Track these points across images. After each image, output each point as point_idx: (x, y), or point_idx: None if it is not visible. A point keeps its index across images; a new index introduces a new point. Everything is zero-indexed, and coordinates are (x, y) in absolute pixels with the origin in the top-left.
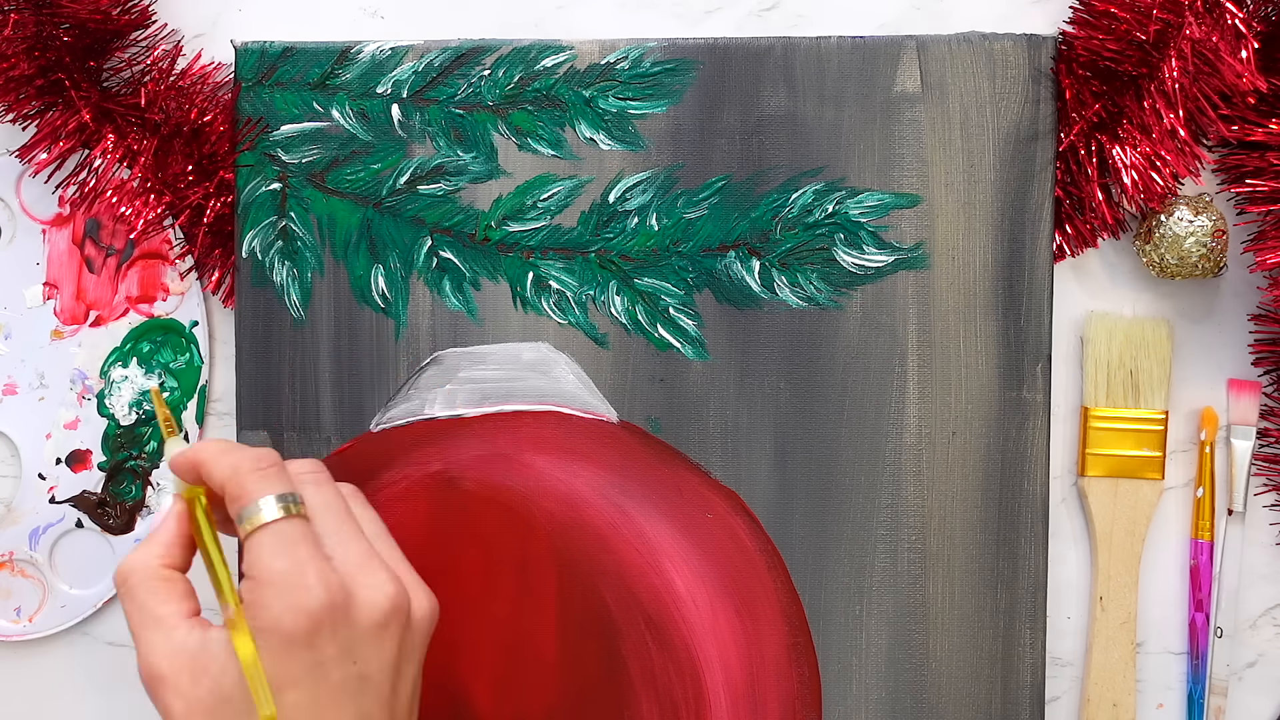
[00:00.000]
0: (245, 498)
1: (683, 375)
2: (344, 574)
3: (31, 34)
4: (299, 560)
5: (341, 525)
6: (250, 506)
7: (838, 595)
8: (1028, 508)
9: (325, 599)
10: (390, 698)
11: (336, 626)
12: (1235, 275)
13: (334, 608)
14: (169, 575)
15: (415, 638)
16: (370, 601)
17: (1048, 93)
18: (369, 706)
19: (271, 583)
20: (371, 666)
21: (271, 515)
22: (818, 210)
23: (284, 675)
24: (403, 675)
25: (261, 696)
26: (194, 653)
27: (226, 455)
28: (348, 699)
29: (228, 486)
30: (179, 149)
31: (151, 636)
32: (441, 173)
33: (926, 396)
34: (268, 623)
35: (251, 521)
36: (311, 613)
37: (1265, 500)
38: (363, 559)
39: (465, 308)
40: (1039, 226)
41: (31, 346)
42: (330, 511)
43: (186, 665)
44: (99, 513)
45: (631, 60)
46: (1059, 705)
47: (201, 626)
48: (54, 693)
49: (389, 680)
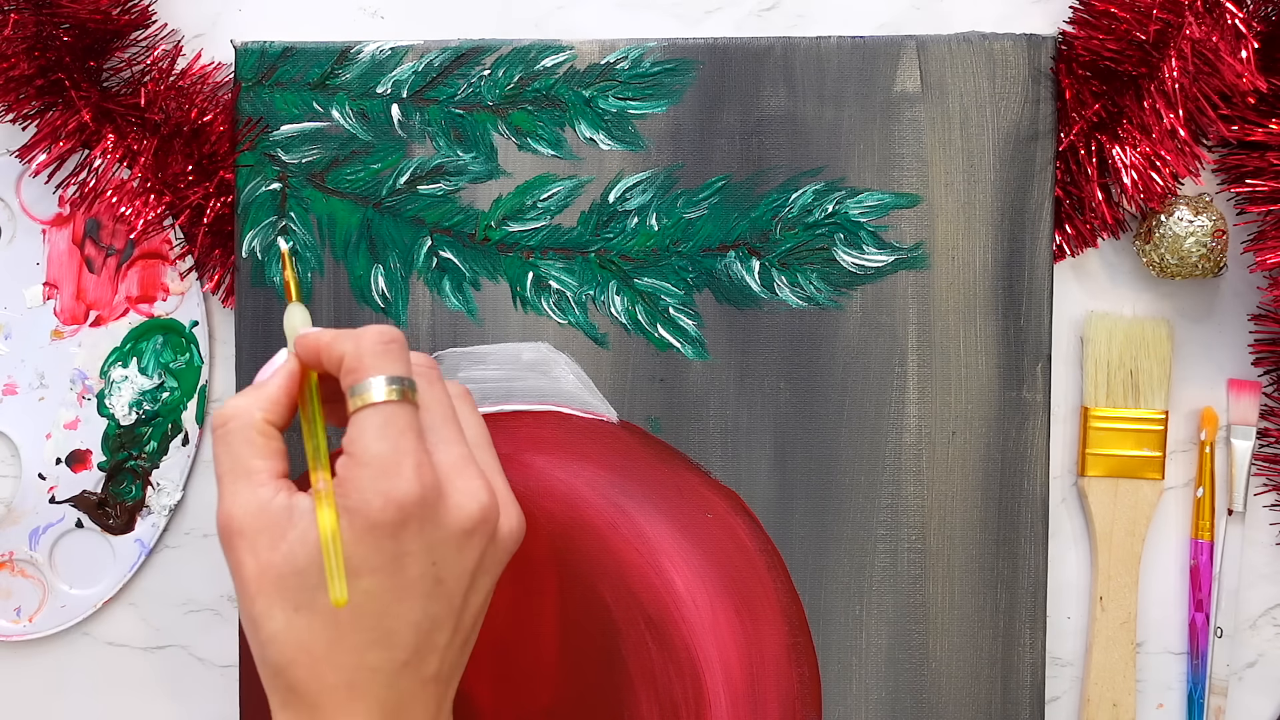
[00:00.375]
0: (361, 372)
1: (683, 375)
2: (441, 472)
3: (31, 34)
4: (400, 448)
5: (446, 424)
6: (364, 383)
7: (838, 595)
8: (1028, 508)
9: (418, 492)
10: (460, 607)
11: (424, 523)
12: (1235, 275)
13: (425, 504)
14: (268, 430)
15: (498, 552)
16: (461, 505)
17: (1047, 93)
18: (437, 610)
19: (369, 464)
20: (449, 571)
21: (381, 395)
22: (818, 210)
23: (361, 560)
24: (476, 587)
25: (335, 578)
26: (277, 514)
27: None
28: (418, 598)
29: (347, 358)
30: (179, 149)
31: (238, 487)
32: (441, 173)
33: (926, 396)
34: (357, 504)
35: (362, 398)
36: (402, 503)
37: (1265, 500)
38: (461, 462)
39: (465, 308)
40: (1039, 226)
41: (31, 346)
42: (438, 408)
43: (268, 525)
44: (99, 513)
45: (631, 60)
46: (1059, 705)
47: (289, 490)
48: (54, 693)
49: (462, 589)
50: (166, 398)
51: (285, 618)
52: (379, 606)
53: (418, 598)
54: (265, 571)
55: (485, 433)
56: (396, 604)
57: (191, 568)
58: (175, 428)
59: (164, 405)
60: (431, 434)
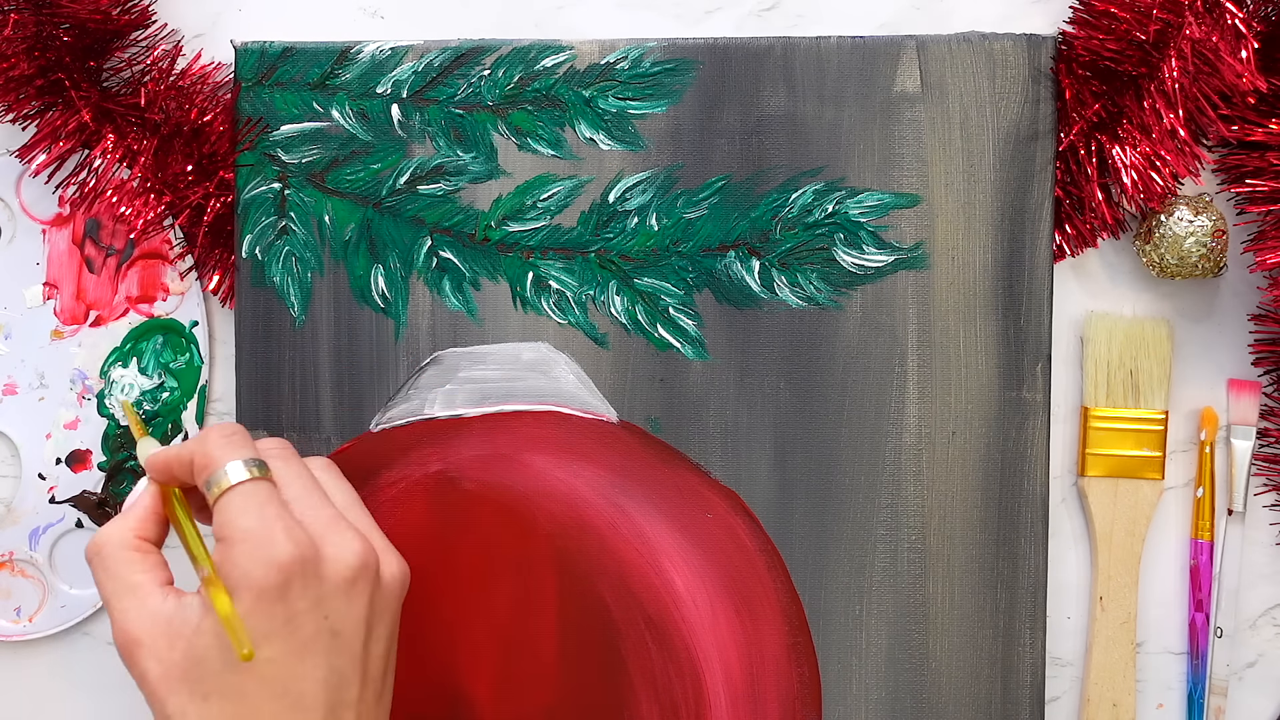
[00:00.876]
0: (212, 464)
1: (683, 375)
2: (313, 531)
3: (31, 34)
4: (267, 517)
5: (309, 492)
6: (218, 472)
7: (838, 595)
8: (1028, 508)
9: (294, 552)
10: (362, 655)
11: (307, 580)
12: (1235, 275)
13: (304, 560)
14: (143, 545)
15: (386, 598)
16: (338, 558)
17: (1047, 93)
18: (341, 662)
19: (243, 540)
20: (342, 622)
21: (238, 477)
22: (817, 210)
23: (257, 630)
24: (374, 634)
25: (239, 638)
26: (169, 617)
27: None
28: (320, 653)
29: (195, 457)
30: (179, 149)
31: (126, 604)
32: (441, 173)
33: (926, 396)
34: (239, 579)
35: (219, 485)
36: (281, 565)
37: (1265, 500)
38: (331, 520)
39: (465, 308)
40: (1039, 226)
41: (31, 346)
42: (297, 480)
43: (163, 630)
44: (99, 513)
45: (631, 60)
46: (1059, 705)
47: (176, 594)
48: (54, 693)
49: (360, 637)
50: (166, 398)
51: (197, 709)
52: (283, 671)
53: (319, 654)
54: (169, 671)
55: (354, 496)
56: (299, 664)
57: (191, 568)
58: (175, 428)
59: (164, 405)
60: (296, 503)
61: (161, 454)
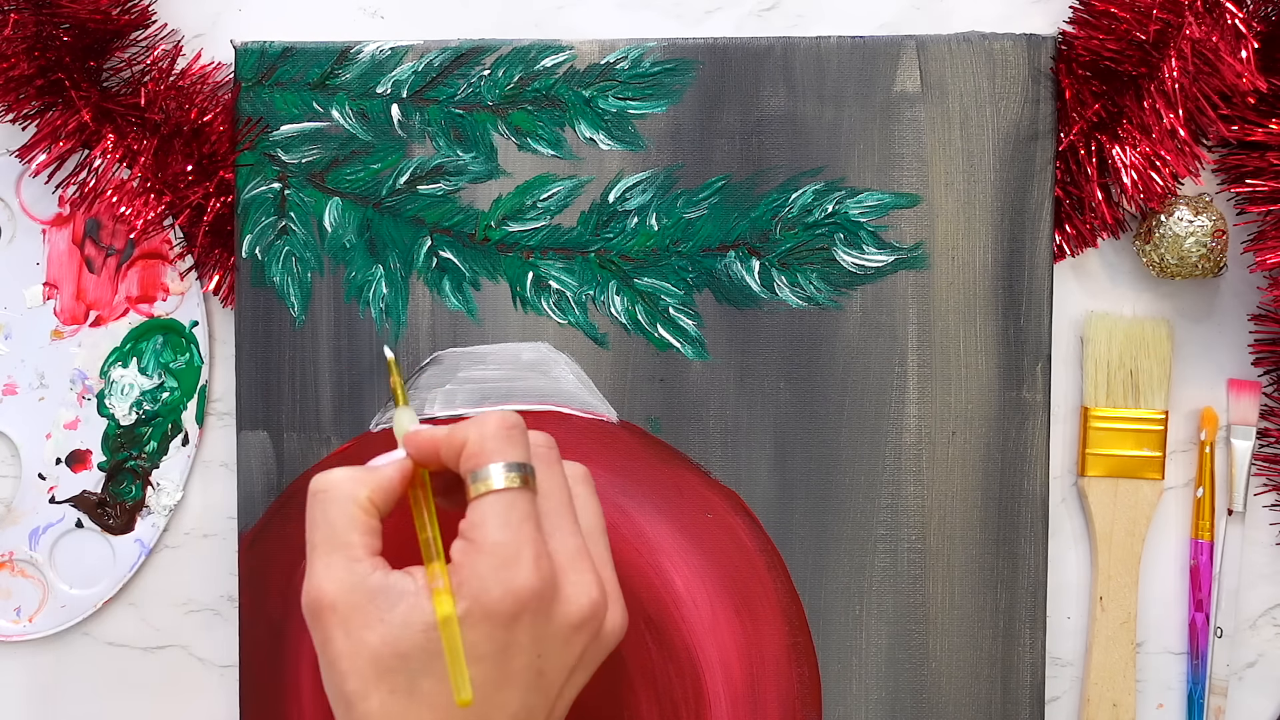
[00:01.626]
0: (483, 457)
1: (683, 375)
2: (556, 563)
3: (31, 34)
4: (521, 536)
5: (563, 512)
6: (485, 468)
7: (838, 595)
8: (1027, 507)
9: (536, 585)
10: (554, 699)
11: (536, 616)
12: (1235, 275)
13: (541, 597)
14: (370, 509)
15: (599, 650)
16: (572, 600)
17: (1047, 92)
18: (534, 702)
19: (491, 552)
20: (552, 664)
21: (502, 482)
22: (817, 210)
23: (473, 648)
24: (572, 681)
25: (460, 679)
26: (372, 593)
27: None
28: (519, 688)
29: (469, 443)
30: (179, 149)
31: (333, 560)
32: (441, 173)
33: (926, 396)
34: (475, 591)
35: (484, 483)
36: (519, 595)
37: (1265, 500)
38: (574, 554)
39: (465, 308)
40: (1039, 226)
41: (31, 346)
42: (555, 494)
43: (362, 604)
44: (99, 513)
45: (631, 60)
46: (1059, 705)
47: (385, 569)
48: (54, 693)
49: (560, 683)
50: (166, 398)
51: (380, 700)
52: (481, 695)
53: (519, 689)
54: (359, 649)
55: (601, 518)
56: (497, 693)
57: (191, 568)
58: (175, 428)
59: (164, 405)
60: (548, 521)
61: (429, 435)
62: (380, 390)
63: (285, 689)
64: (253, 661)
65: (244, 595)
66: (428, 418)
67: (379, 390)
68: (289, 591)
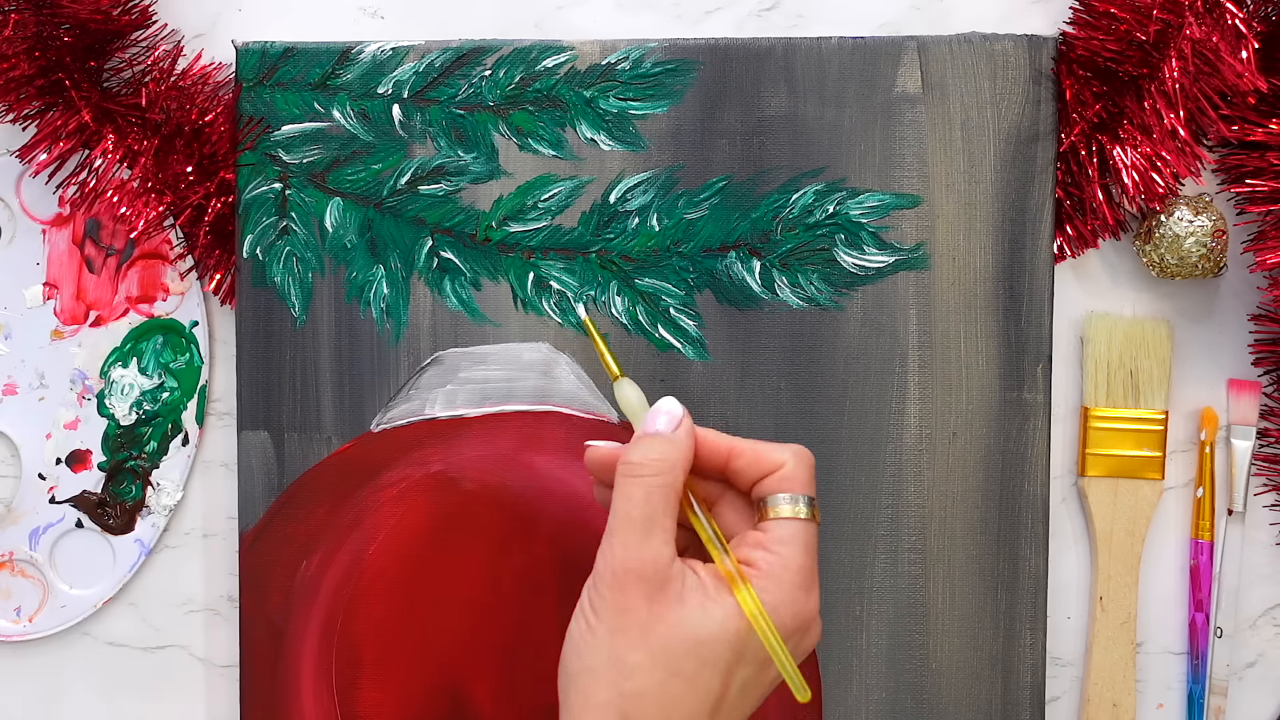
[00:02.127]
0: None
1: (683, 375)
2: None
3: (31, 34)
4: (815, 572)
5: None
6: (801, 496)
7: (838, 596)
8: (1028, 508)
9: (810, 617)
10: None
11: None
12: (1235, 275)
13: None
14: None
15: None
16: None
17: (1048, 93)
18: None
19: (793, 575)
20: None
21: (807, 513)
22: (818, 211)
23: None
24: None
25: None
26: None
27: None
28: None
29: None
30: (180, 149)
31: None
32: (442, 173)
33: (927, 397)
34: (772, 602)
35: (794, 509)
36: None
37: (1265, 500)
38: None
39: (466, 308)
40: (1039, 227)
41: (31, 346)
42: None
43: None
44: (99, 513)
45: (632, 61)
46: (1059, 705)
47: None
48: (54, 693)
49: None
50: (167, 398)
51: (660, 680)
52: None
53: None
54: (654, 626)
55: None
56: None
57: (191, 568)
58: (175, 428)
59: (164, 405)
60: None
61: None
62: (381, 390)
63: (285, 689)
64: (253, 661)
65: (244, 595)
66: (428, 418)
67: (380, 390)
68: (289, 591)
